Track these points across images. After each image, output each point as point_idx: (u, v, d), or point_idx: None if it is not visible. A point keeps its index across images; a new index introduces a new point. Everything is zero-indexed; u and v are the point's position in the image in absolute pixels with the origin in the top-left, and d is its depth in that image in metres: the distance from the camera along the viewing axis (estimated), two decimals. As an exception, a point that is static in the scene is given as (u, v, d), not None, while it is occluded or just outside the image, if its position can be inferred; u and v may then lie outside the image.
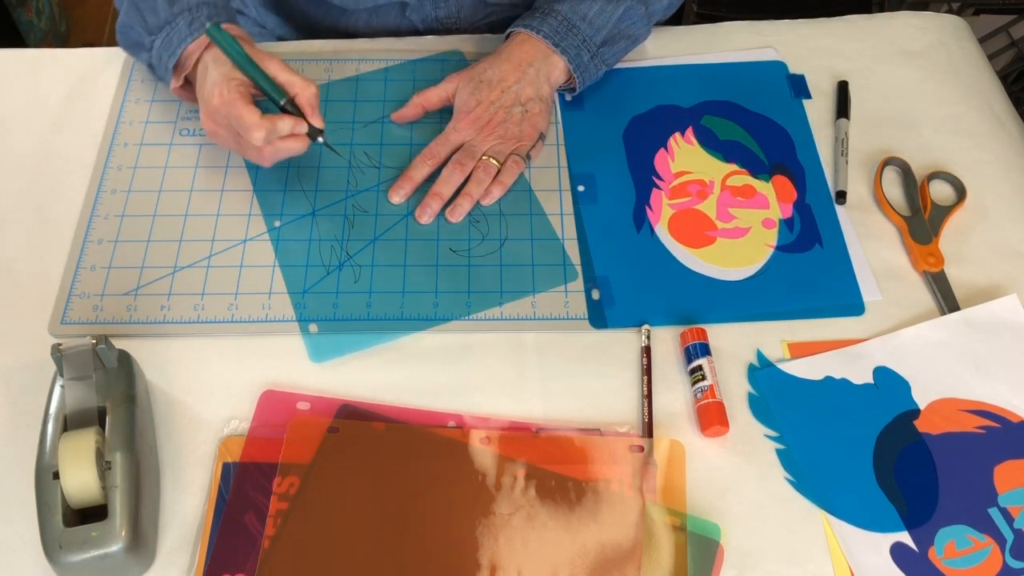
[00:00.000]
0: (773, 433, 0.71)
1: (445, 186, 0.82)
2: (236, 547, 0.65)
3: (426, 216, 0.81)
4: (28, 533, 0.65)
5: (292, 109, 0.77)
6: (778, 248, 0.81)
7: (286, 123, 0.75)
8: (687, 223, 0.82)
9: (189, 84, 0.83)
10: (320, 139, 0.79)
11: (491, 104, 0.84)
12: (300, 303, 0.76)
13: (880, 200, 0.84)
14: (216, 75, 0.77)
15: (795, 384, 0.73)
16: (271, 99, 0.77)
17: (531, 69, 0.85)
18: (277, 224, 0.81)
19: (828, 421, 0.71)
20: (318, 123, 0.78)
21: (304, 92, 0.77)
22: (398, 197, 0.82)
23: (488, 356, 0.75)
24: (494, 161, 0.83)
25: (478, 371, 0.74)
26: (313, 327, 0.75)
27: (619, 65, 0.93)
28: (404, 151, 0.86)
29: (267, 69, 0.77)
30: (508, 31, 0.89)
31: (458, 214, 0.81)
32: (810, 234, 0.82)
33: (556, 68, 0.86)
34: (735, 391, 0.73)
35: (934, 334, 0.76)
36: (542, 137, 0.85)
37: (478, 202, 0.83)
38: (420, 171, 0.83)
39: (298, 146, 0.77)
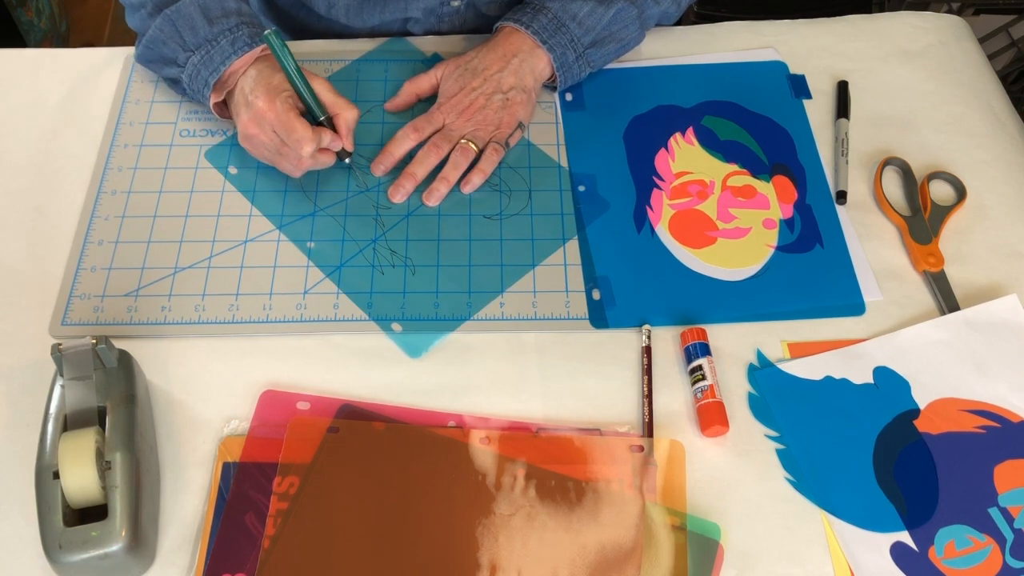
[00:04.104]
0: (773, 433, 0.71)
1: (420, 167, 0.83)
2: (236, 547, 0.65)
3: (399, 196, 0.82)
4: (28, 533, 0.65)
5: (328, 126, 0.80)
6: (778, 248, 0.81)
7: (327, 135, 0.79)
8: (688, 223, 0.82)
9: (223, 101, 0.84)
10: (347, 160, 0.83)
11: (473, 90, 0.85)
12: (367, 303, 0.76)
13: (880, 200, 0.84)
14: (264, 86, 0.78)
15: (795, 384, 0.73)
16: (312, 113, 0.80)
17: (515, 60, 0.86)
18: (311, 246, 0.80)
19: (828, 421, 0.71)
20: (349, 146, 0.82)
21: (345, 115, 0.80)
22: (380, 171, 0.84)
23: (488, 356, 0.75)
24: (472, 145, 0.83)
25: (478, 371, 0.74)
26: (396, 326, 0.75)
27: (619, 65, 0.93)
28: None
29: (313, 86, 0.79)
30: (497, 25, 0.89)
31: (435, 198, 0.82)
32: (810, 234, 0.82)
33: (541, 62, 0.87)
34: (735, 391, 0.73)
35: (934, 334, 0.76)
36: (521, 126, 0.86)
37: (482, 189, 0.83)
38: (401, 146, 0.84)
39: (328, 160, 0.81)
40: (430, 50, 0.94)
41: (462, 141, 0.84)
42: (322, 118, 0.80)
